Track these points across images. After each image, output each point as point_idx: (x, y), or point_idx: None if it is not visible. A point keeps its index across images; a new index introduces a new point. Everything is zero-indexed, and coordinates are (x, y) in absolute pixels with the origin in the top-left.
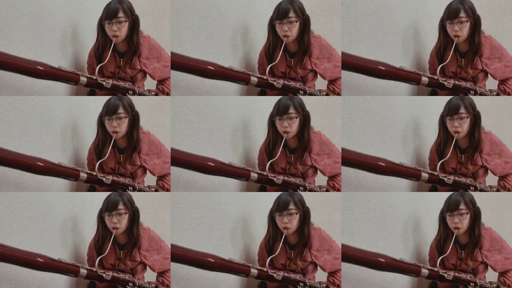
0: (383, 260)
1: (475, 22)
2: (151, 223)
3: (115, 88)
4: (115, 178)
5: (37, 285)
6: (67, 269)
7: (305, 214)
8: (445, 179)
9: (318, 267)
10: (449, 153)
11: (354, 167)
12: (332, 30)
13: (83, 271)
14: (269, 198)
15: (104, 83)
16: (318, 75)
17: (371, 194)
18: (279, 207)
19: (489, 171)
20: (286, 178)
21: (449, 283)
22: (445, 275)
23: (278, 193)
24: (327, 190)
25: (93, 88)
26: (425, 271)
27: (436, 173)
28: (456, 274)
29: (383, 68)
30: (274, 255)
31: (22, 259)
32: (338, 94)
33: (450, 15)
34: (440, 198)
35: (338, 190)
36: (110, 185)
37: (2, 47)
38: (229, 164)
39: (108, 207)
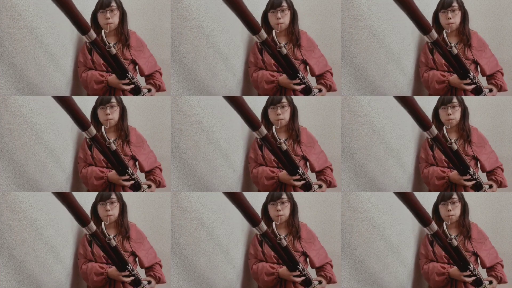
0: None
1: (465, 15)
2: (151, 223)
3: (119, 65)
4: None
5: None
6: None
7: (294, 206)
8: (452, 143)
9: (308, 262)
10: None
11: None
12: (332, 30)
13: (92, 226)
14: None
15: (111, 47)
16: (308, 71)
17: (371, 194)
18: (273, 198)
19: (479, 166)
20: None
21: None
22: (452, 240)
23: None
24: (320, 186)
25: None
26: (433, 226)
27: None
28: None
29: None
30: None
31: None
32: (331, 87)
33: (444, 5)
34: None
35: (331, 183)
36: (113, 154)
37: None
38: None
39: (103, 197)
